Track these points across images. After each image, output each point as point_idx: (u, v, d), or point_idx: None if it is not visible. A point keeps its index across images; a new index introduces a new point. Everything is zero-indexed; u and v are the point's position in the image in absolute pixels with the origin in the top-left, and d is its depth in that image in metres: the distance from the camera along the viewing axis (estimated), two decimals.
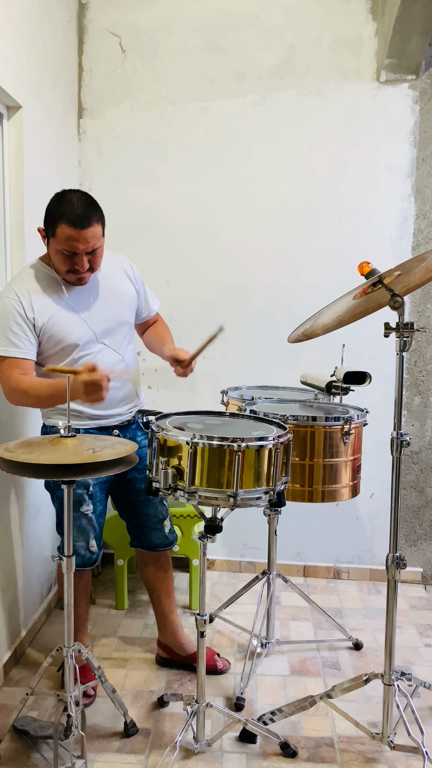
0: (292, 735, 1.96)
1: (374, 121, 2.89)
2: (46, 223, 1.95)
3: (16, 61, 2.24)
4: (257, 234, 2.98)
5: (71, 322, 2.02)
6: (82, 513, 2.08)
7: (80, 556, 2.09)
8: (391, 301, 1.75)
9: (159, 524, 2.25)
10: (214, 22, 2.91)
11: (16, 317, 1.93)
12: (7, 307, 1.94)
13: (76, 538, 2.08)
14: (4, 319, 1.93)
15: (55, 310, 1.99)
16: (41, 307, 1.97)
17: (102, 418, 2.11)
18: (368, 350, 2.80)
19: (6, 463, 1.59)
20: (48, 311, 1.98)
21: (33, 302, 1.96)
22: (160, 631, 2.35)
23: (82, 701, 2.06)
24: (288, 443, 1.77)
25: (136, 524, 2.26)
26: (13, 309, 1.93)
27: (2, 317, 1.93)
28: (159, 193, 3.00)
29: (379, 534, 3.09)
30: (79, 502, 2.07)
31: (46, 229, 1.96)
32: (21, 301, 1.94)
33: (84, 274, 1.98)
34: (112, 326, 2.12)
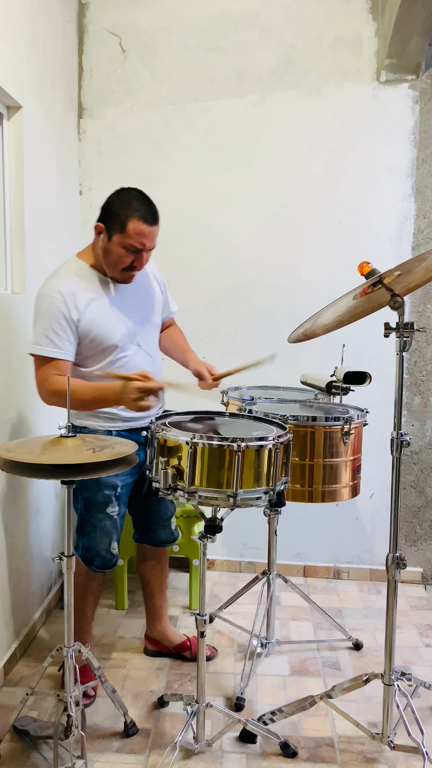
0: (292, 735, 1.96)
1: (374, 121, 2.89)
2: (111, 218, 1.92)
3: (16, 61, 2.24)
4: (257, 234, 2.98)
5: (114, 323, 2.00)
6: (107, 514, 2.07)
7: (101, 558, 2.08)
8: (391, 301, 1.75)
9: (167, 521, 2.29)
10: (214, 22, 2.91)
11: (59, 317, 1.89)
12: (51, 307, 1.89)
13: (99, 541, 2.07)
14: (47, 318, 1.89)
15: (100, 311, 1.97)
16: (85, 307, 1.93)
17: (134, 420, 2.08)
18: (368, 350, 2.80)
19: (6, 463, 1.59)
20: (92, 311, 1.95)
21: (77, 302, 1.92)
22: (149, 624, 2.40)
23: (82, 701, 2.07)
24: (288, 443, 1.77)
25: (146, 521, 2.28)
26: (57, 309, 1.89)
27: (45, 316, 1.89)
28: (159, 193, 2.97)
29: (379, 534, 3.09)
30: (106, 504, 2.06)
31: (109, 224, 1.92)
32: (66, 300, 1.90)
33: (134, 273, 2.00)
34: (147, 328, 2.13)
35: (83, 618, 2.16)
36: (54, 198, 2.70)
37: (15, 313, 2.29)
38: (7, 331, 2.23)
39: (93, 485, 2.04)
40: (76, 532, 2.12)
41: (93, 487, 2.04)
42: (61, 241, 2.78)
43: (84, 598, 2.13)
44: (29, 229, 2.40)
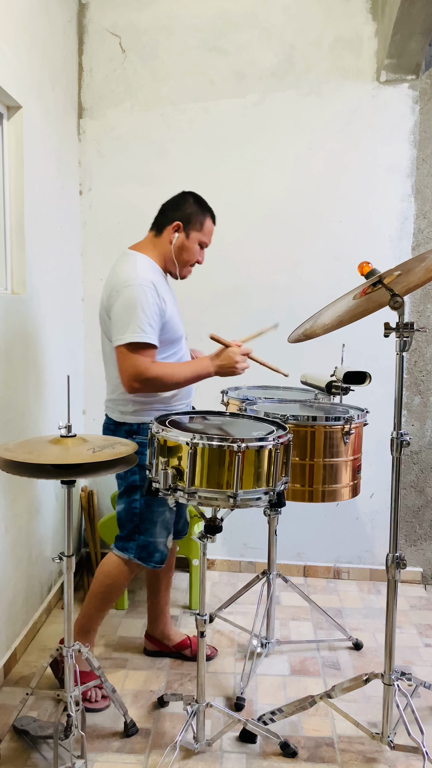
0: (292, 735, 1.96)
1: (374, 121, 2.89)
2: (190, 218, 2.11)
3: (16, 61, 2.24)
4: (257, 234, 2.99)
5: (178, 316, 2.15)
6: (168, 506, 2.09)
7: (160, 552, 2.11)
8: (391, 301, 1.75)
9: (184, 510, 2.36)
10: (214, 22, 2.91)
11: (154, 307, 1.97)
12: (149, 296, 1.96)
13: (159, 534, 2.10)
14: (146, 307, 1.95)
15: (171, 303, 2.09)
16: (165, 297, 2.03)
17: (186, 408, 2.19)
18: (368, 350, 2.80)
19: (6, 463, 1.59)
20: (168, 302, 2.05)
21: (160, 292, 2.01)
22: (150, 623, 2.40)
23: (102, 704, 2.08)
24: (288, 443, 1.77)
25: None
26: (152, 298, 1.97)
27: (145, 305, 1.95)
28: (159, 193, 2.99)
29: (379, 534, 3.09)
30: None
31: (188, 223, 2.11)
32: (157, 290, 1.99)
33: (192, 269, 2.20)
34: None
35: (100, 617, 2.17)
36: (54, 198, 2.70)
37: (15, 313, 2.29)
38: (7, 331, 2.23)
39: None
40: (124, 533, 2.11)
41: None
42: (61, 241, 2.78)
43: (111, 600, 2.15)
44: (29, 229, 2.40)
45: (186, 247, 2.12)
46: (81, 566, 3.00)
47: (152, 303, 1.96)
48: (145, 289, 1.96)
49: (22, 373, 2.35)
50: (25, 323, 2.38)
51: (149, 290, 1.96)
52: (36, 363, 2.50)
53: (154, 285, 1.98)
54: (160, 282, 2.05)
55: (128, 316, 1.94)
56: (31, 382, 2.44)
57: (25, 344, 2.38)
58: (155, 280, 2.01)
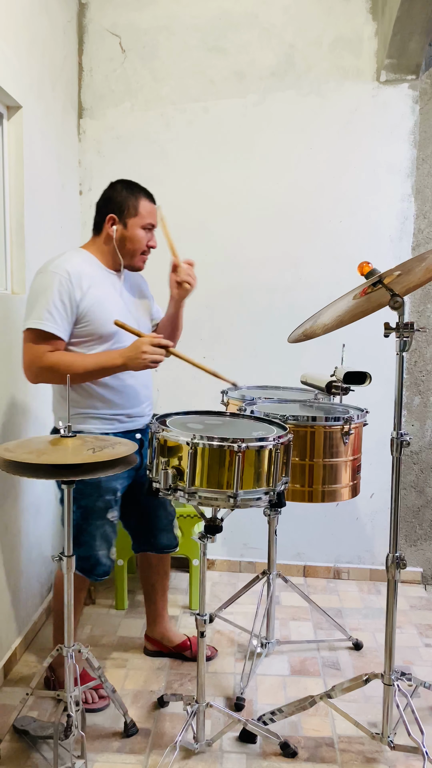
0: (292, 735, 1.96)
1: (374, 121, 2.89)
2: (121, 206, 2.01)
3: (16, 61, 2.24)
4: (257, 234, 2.98)
5: (116, 310, 2.01)
6: (107, 520, 2.04)
7: (102, 566, 2.06)
8: (391, 301, 1.75)
9: (169, 525, 2.28)
10: (214, 22, 2.91)
11: (63, 295, 1.88)
12: (55, 283, 1.88)
13: (99, 547, 2.04)
14: (49, 293, 1.87)
15: (101, 297, 1.97)
16: (88, 289, 1.93)
17: (132, 420, 2.09)
18: (368, 350, 2.80)
19: (6, 463, 1.59)
20: (94, 296, 1.95)
21: (82, 282, 1.92)
22: (149, 625, 2.40)
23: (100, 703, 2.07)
24: (288, 443, 1.77)
25: (148, 527, 2.26)
26: (63, 286, 1.88)
27: (47, 291, 1.87)
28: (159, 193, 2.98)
29: (379, 534, 3.09)
30: (107, 509, 2.04)
31: (120, 213, 2.01)
32: (71, 279, 1.90)
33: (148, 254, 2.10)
34: (143, 326, 2.16)
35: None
36: (54, 198, 2.70)
37: (15, 313, 2.29)
38: (7, 331, 2.23)
39: (93, 492, 2.00)
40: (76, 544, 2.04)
41: (93, 493, 2.01)
42: (61, 241, 2.78)
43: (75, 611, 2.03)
44: (29, 229, 2.40)
45: (127, 237, 2.03)
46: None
47: (58, 291, 1.87)
48: (54, 276, 1.88)
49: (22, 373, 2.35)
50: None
51: (60, 278, 1.88)
52: None
53: (69, 274, 1.90)
54: (88, 274, 1.96)
55: (33, 302, 1.90)
56: None
57: None
58: (79, 271, 1.92)
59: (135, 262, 2.09)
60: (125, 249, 2.05)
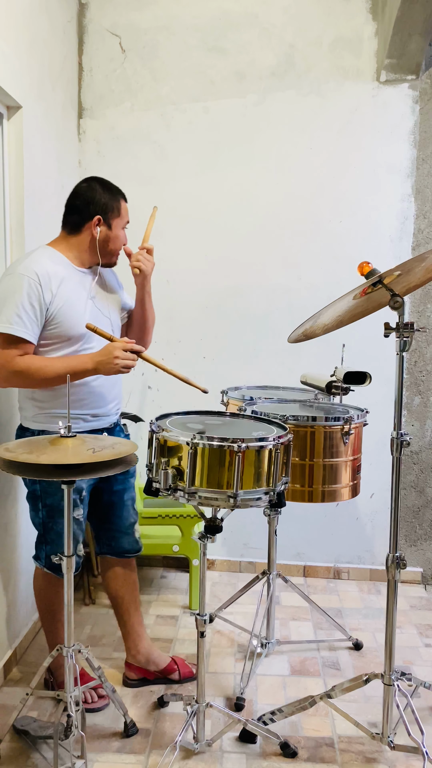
0: (292, 735, 1.96)
1: (374, 121, 2.89)
2: (105, 208, 2.00)
3: (16, 61, 2.24)
4: (257, 234, 2.99)
5: (85, 310, 1.97)
6: (74, 518, 1.99)
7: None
8: (391, 301, 1.75)
9: (130, 528, 2.21)
10: (214, 22, 2.91)
11: (32, 298, 1.85)
12: (24, 285, 1.84)
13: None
14: (19, 297, 1.84)
15: (71, 298, 1.93)
16: (57, 289, 1.90)
17: (97, 419, 2.06)
18: (368, 350, 2.80)
19: (6, 463, 1.59)
20: (63, 296, 1.91)
21: (51, 284, 1.89)
22: (130, 650, 2.22)
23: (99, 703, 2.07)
24: (288, 443, 1.77)
25: (108, 529, 2.20)
26: (32, 289, 1.85)
27: (18, 295, 1.84)
28: (159, 193, 3.00)
29: (379, 534, 3.09)
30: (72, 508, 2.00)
31: (107, 213, 2.00)
32: (40, 281, 1.86)
33: None
34: (115, 323, 2.13)
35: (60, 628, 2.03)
36: (54, 198, 2.70)
37: None
38: None
39: (57, 490, 1.98)
40: (38, 542, 2.06)
41: (57, 492, 1.98)
42: None
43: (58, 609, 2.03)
44: (29, 229, 2.40)
45: (111, 237, 2.02)
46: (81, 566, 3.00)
47: (27, 294, 1.83)
48: (23, 279, 1.84)
49: None
50: None
51: (28, 281, 1.84)
52: None
53: (39, 276, 1.86)
54: (60, 275, 1.92)
55: (0, 305, 1.85)
56: None
57: None
58: (42, 272, 1.88)
59: (113, 260, 2.09)
60: (107, 249, 2.03)
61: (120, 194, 2.06)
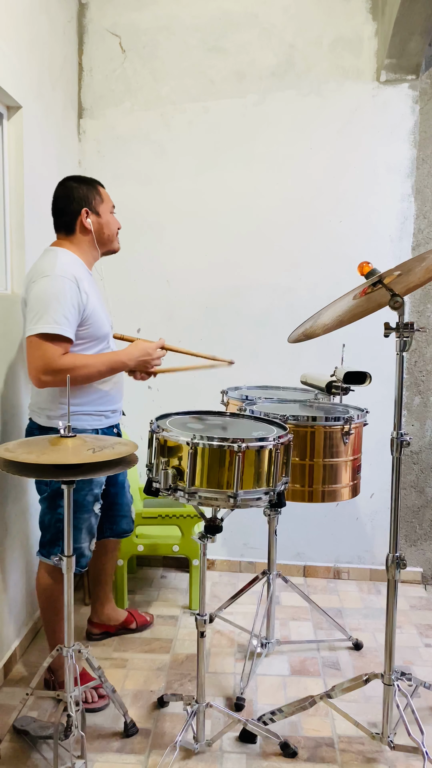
0: (292, 735, 1.96)
1: (374, 121, 2.89)
2: (88, 198, 2.08)
3: (16, 61, 2.24)
4: (257, 234, 2.99)
5: (103, 313, 2.09)
6: (94, 512, 2.11)
7: (85, 557, 2.12)
8: (391, 301, 1.75)
9: (128, 511, 2.43)
10: (214, 22, 2.91)
11: (74, 300, 1.93)
12: (67, 289, 1.92)
13: (84, 539, 2.09)
14: (62, 299, 1.90)
15: (95, 299, 2.04)
16: (87, 292, 1.99)
17: (115, 415, 2.17)
18: (368, 350, 2.80)
19: (6, 463, 1.59)
20: (92, 297, 2.01)
21: (83, 286, 1.97)
22: (96, 610, 2.51)
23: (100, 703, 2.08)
24: (288, 443, 1.77)
25: (112, 514, 2.36)
26: (72, 291, 1.93)
27: (61, 297, 1.90)
28: (159, 193, 3.00)
29: (379, 534, 3.09)
30: (95, 502, 2.11)
31: (90, 203, 2.08)
32: (78, 284, 1.95)
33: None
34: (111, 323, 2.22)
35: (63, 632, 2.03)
36: None
37: (15, 313, 2.29)
38: (7, 331, 2.23)
39: (85, 485, 2.05)
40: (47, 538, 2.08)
41: (84, 487, 2.05)
42: None
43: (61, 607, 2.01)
44: (29, 229, 2.40)
45: (103, 223, 2.12)
46: None
47: (69, 295, 1.91)
48: (63, 281, 1.92)
49: (22, 373, 2.35)
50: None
51: (68, 282, 1.92)
52: None
53: (75, 278, 1.94)
54: (83, 277, 2.01)
55: (43, 306, 1.89)
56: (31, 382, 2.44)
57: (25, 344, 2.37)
58: (77, 274, 1.96)
59: (114, 245, 2.18)
60: (104, 236, 2.13)
61: (95, 182, 2.13)
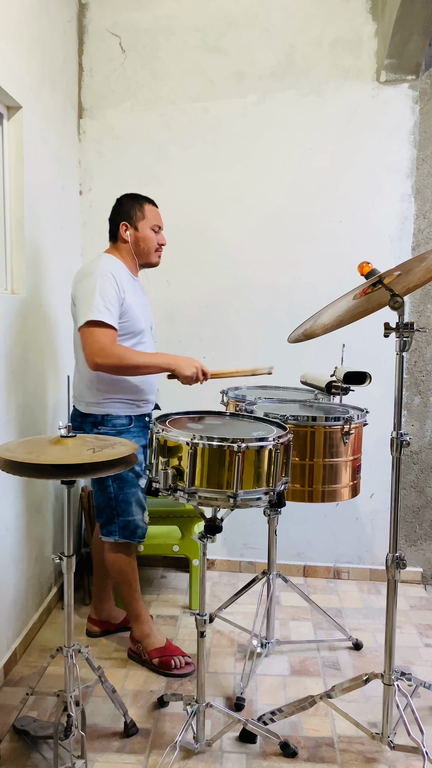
0: (292, 735, 1.96)
1: (374, 121, 2.89)
2: (129, 213, 2.28)
3: (16, 61, 2.24)
4: (257, 234, 2.99)
5: (141, 309, 2.27)
6: (139, 486, 2.27)
7: (141, 528, 2.30)
8: (391, 301, 1.75)
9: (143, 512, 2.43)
10: (214, 22, 2.91)
11: (115, 295, 2.14)
12: (110, 285, 2.14)
13: (136, 512, 2.28)
14: (108, 294, 2.12)
15: (132, 296, 2.22)
16: (126, 290, 2.19)
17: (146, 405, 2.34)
18: (368, 350, 2.80)
19: (6, 463, 1.59)
20: (129, 295, 2.20)
21: (121, 284, 2.17)
22: (96, 607, 2.57)
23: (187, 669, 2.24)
24: (288, 443, 1.77)
25: None
26: (112, 287, 2.14)
27: (106, 292, 2.12)
28: (159, 193, 2.99)
29: (379, 534, 3.09)
30: (138, 476, 2.27)
31: (130, 219, 2.28)
32: (116, 281, 2.16)
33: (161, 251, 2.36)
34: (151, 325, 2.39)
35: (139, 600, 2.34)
36: (54, 198, 2.70)
37: (15, 313, 2.29)
38: (7, 331, 2.23)
39: None
40: (104, 519, 2.28)
41: None
42: (61, 241, 2.78)
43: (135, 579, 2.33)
44: (29, 229, 2.40)
45: (140, 237, 2.29)
46: (81, 566, 3.00)
47: (109, 289, 2.12)
48: (103, 277, 2.13)
49: (22, 373, 2.35)
50: (25, 323, 2.38)
51: (107, 278, 2.13)
52: (36, 363, 2.50)
53: (113, 275, 2.15)
54: (123, 277, 2.21)
55: (89, 299, 2.11)
56: (30, 382, 2.44)
57: (24, 344, 2.38)
58: (116, 273, 2.17)
59: (151, 259, 2.34)
60: (140, 249, 2.30)
61: (144, 200, 2.31)
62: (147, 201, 2.32)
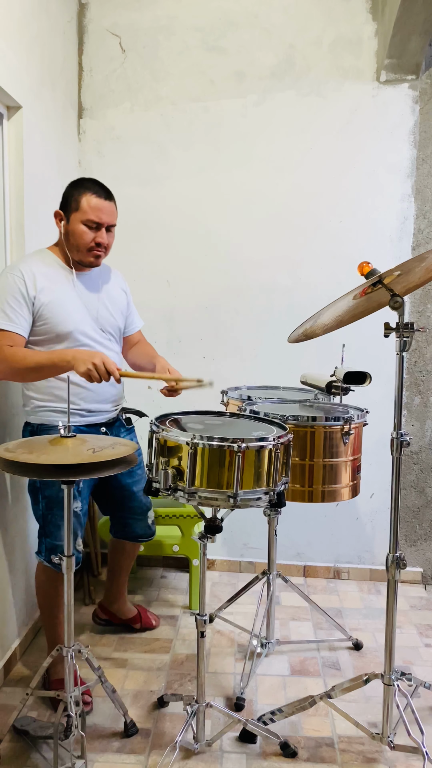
0: (292, 735, 1.96)
1: (374, 121, 2.89)
2: (66, 201, 2.04)
3: (16, 61, 2.24)
4: (257, 234, 2.99)
5: (74, 308, 2.05)
6: (74, 511, 2.07)
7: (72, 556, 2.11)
8: (391, 301, 1.75)
9: (143, 515, 2.35)
10: (214, 22, 2.91)
11: (15, 293, 1.95)
12: (9, 283, 1.96)
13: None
14: (3, 293, 1.95)
15: (58, 295, 2.01)
16: (44, 287, 1.99)
17: (93, 415, 2.12)
18: (368, 350, 2.80)
19: (6, 463, 1.59)
20: (50, 293, 1.99)
21: (36, 281, 1.98)
22: (108, 598, 2.54)
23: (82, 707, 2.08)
24: (288, 443, 1.77)
25: (121, 516, 2.35)
26: (15, 285, 1.95)
27: (2, 292, 1.95)
28: (159, 193, 3.00)
29: (379, 534, 3.09)
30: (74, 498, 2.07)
31: (65, 207, 2.04)
32: (24, 278, 1.96)
33: (101, 252, 2.06)
34: (109, 327, 2.18)
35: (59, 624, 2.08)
36: (54, 198, 2.69)
37: None
38: None
39: (55, 482, 2.03)
40: (39, 535, 2.10)
41: (55, 484, 2.04)
42: None
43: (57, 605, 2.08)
44: (29, 229, 2.40)
45: (71, 232, 2.03)
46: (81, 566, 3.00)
47: (12, 289, 1.94)
48: (8, 277, 1.96)
49: None
50: None
51: (14, 278, 1.96)
52: None
53: (23, 273, 1.96)
54: (47, 273, 2.01)
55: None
56: None
57: None
58: (33, 270, 1.98)
59: (83, 258, 2.06)
60: (71, 244, 2.05)
61: (88, 189, 2.01)
62: (91, 191, 2.00)
